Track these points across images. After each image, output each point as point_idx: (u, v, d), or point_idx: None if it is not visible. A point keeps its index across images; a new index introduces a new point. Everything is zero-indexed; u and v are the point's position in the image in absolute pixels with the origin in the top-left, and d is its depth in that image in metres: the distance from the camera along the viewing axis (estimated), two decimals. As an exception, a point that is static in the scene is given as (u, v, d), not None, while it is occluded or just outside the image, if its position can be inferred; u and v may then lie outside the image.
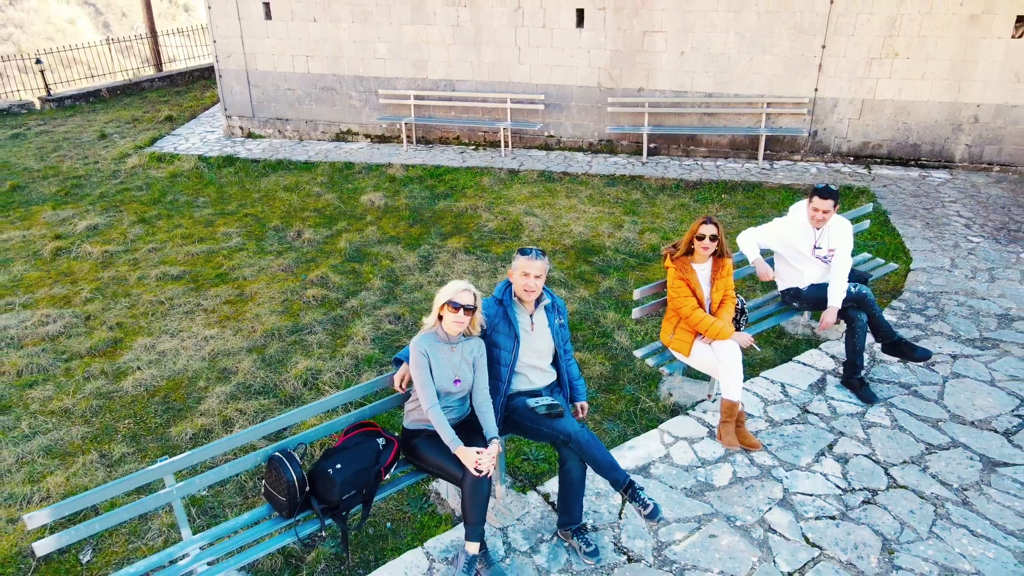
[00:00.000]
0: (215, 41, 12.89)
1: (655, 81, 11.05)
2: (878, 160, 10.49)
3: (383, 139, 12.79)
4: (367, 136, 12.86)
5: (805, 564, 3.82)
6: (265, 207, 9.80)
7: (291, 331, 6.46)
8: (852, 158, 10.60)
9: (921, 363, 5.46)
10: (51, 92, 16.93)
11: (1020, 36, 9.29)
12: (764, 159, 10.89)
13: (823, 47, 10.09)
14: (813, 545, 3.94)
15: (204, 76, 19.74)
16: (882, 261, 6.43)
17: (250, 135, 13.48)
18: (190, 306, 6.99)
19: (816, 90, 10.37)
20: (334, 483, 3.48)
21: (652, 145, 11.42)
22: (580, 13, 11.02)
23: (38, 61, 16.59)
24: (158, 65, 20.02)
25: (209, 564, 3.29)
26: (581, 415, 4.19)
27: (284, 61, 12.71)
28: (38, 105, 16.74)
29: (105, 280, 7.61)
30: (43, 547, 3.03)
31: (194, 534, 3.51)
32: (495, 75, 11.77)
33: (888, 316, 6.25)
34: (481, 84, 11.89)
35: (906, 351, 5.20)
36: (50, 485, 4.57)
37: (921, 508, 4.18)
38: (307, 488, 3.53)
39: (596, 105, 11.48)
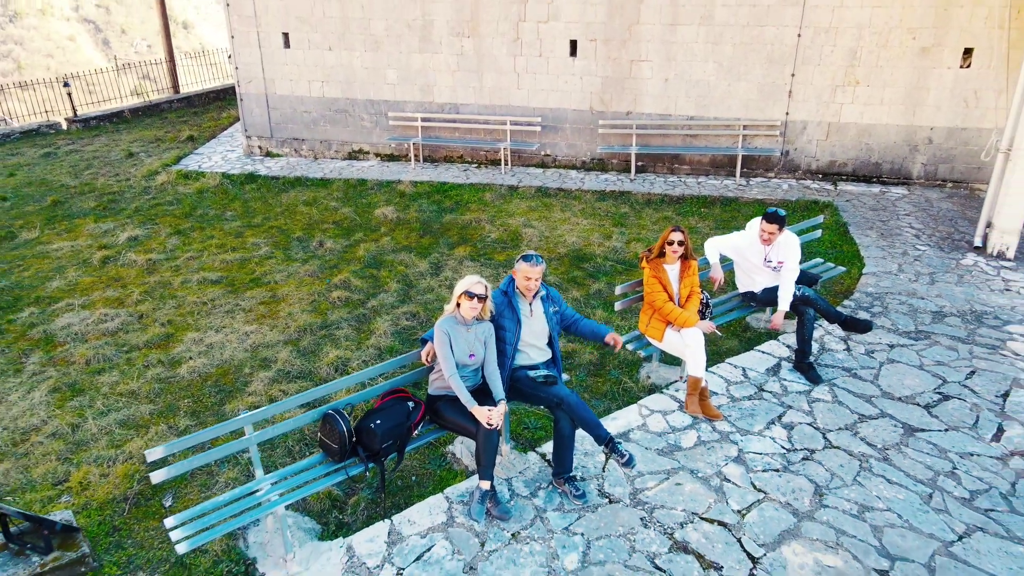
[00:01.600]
0: (237, 68, 13.87)
1: (642, 105, 12.04)
2: (844, 177, 11.47)
3: (392, 158, 13.75)
4: (377, 155, 13.83)
5: (751, 504, 4.71)
6: (288, 220, 10.72)
7: (321, 327, 7.36)
8: (820, 175, 11.58)
9: (867, 333, 6.32)
10: (77, 113, 17.90)
11: (967, 66, 10.31)
12: (741, 176, 11.86)
13: (792, 75, 11.10)
14: (759, 491, 4.84)
15: (219, 97, 20.75)
16: (831, 265, 7.37)
17: (268, 154, 14.44)
18: (230, 306, 7.89)
19: (787, 114, 11.36)
20: (375, 435, 4.38)
21: (639, 163, 12.39)
22: (573, 44, 12.03)
23: (66, 84, 17.57)
24: (175, 87, 21.03)
25: (280, 495, 4.18)
26: (616, 346, 4.91)
27: (301, 86, 13.70)
28: (65, 125, 17.70)
29: (152, 284, 8.52)
30: (157, 476, 3.92)
31: (264, 474, 4.40)
32: (496, 99, 12.76)
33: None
34: (483, 107, 12.87)
35: (853, 325, 6.13)
36: (131, 448, 5.45)
37: (849, 463, 5.09)
38: (354, 439, 4.42)
39: (588, 127, 12.46)
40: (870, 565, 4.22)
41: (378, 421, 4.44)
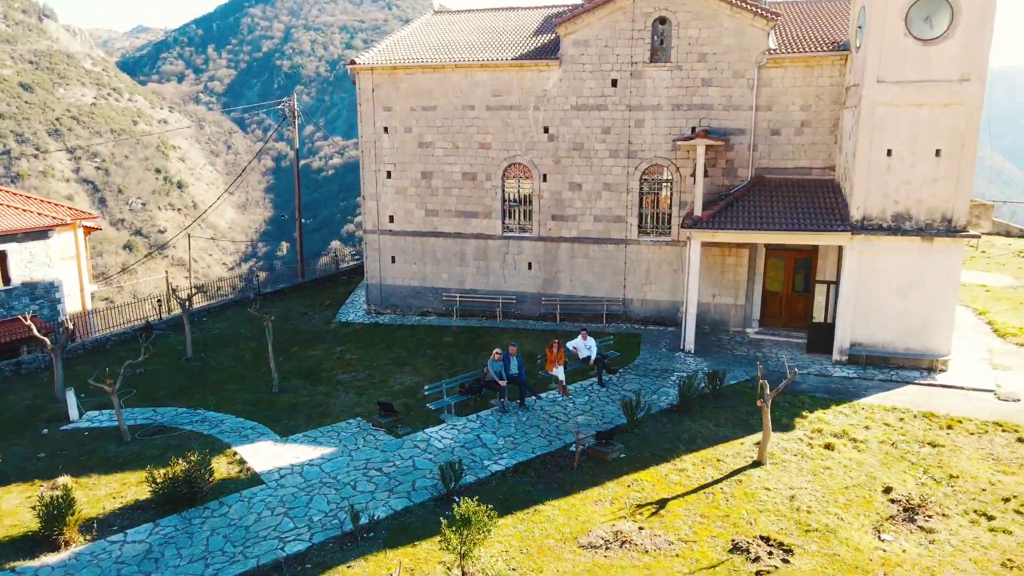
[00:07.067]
0: (367, 271, 26.90)
1: (561, 290, 25.06)
2: (651, 323, 24.34)
3: (444, 314, 26.45)
4: (436, 313, 26.54)
5: (571, 410, 17.01)
6: (404, 343, 23.12)
7: (439, 376, 19.63)
8: (641, 323, 24.45)
9: (616, 374, 18.90)
10: (261, 290, 30.59)
11: (693, 277, 23.60)
12: (605, 322, 24.69)
13: (625, 278, 24.28)
14: (576, 408, 17.14)
15: (329, 280, 33.57)
16: (617, 353, 20.06)
17: (378, 312, 27.08)
18: (400, 371, 20.16)
19: (625, 295, 24.42)
20: (476, 387, 16.78)
21: (562, 317, 25.21)
22: (530, 264, 25.24)
23: (257, 274, 30.42)
24: (302, 273, 33.97)
25: (453, 400, 16.49)
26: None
27: (399, 280, 26.65)
28: (252, 296, 30.27)
29: (364, 366, 20.76)
30: (427, 392, 16.25)
31: (447, 395, 16.72)
32: (494, 287, 25.73)
33: (621, 368, 19.66)
34: (488, 291, 25.81)
35: (611, 369, 18.74)
36: (397, 402, 17.62)
37: (603, 403, 17.46)
38: (471, 388, 16.81)
39: (538, 300, 25.36)
40: (597, 418, 16.52)
41: (475, 384, 16.88)
